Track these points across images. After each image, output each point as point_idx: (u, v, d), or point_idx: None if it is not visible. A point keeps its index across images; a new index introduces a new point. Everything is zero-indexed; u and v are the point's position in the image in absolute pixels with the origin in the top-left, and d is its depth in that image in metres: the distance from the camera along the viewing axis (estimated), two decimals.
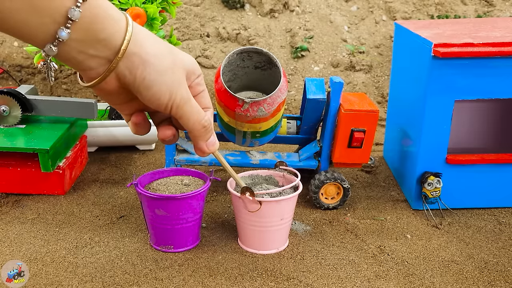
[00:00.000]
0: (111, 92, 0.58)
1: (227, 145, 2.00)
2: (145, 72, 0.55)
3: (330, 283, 1.21)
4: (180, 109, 0.59)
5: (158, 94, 0.56)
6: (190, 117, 0.60)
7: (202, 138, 0.63)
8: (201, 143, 0.64)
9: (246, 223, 1.30)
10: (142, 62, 0.55)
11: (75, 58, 0.53)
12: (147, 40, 0.56)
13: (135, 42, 0.54)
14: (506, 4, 2.70)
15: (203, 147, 0.64)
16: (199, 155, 0.66)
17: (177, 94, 0.58)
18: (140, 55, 0.55)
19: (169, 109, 0.59)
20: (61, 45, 0.51)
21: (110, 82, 0.56)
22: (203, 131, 0.62)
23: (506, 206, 1.57)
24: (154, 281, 1.20)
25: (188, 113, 0.60)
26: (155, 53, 0.56)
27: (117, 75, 0.55)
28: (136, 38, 0.54)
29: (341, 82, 1.47)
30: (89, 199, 1.61)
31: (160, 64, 0.56)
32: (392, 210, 1.56)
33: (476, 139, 1.84)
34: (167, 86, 0.56)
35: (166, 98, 0.57)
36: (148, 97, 0.57)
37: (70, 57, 0.53)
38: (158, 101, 0.57)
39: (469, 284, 1.22)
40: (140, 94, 0.57)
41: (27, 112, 1.70)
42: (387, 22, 2.67)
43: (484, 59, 1.38)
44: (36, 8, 0.48)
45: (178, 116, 0.60)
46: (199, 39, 2.59)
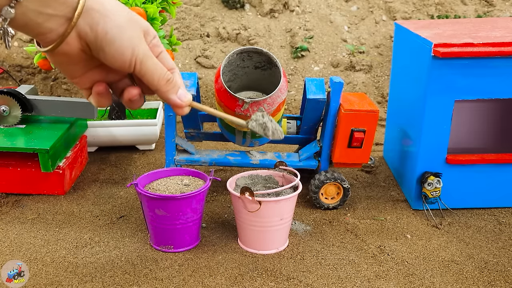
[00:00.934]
0: (71, 58, 0.57)
1: (227, 145, 2.00)
2: (106, 26, 0.55)
3: (330, 283, 1.21)
4: (144, 65, 0.58)
5: (121, 49, 0.56)
6: (155, 73, 0.60)
7: (171, 92, 0.62)
8: (172, 97, 0.63)
9: (246, 223, 1.30)
10: (102, 17, 0.55)
11: (34, 21, 0.53)
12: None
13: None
14: (506, 4, 2.70)
15: (176, 100, 0.63)
16: (179, 113, 0.65)
17: (139, 49, 0.58)
18: (99, 10, 0.55)
19: (133, 65, 0.58)
20: (18, 6, 0.51)
21: (71, 42, 0.55)
22: (169, 85, 0.62)
23: (506, 206, 1.57)
24: (154, 281, 1.20)
25: (152, 69, 0.59)
26: (113, 8, 0.56)
27: (78, 34, 0.55)
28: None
29: (341, 82, 1.47)
30: (89, 199, 1.61)
31: (119, 19, 0.56)
32: (392, 210, 1.56)
33: (476, 139, 1.84)
34: (128, 41, 0.56)
35: (129, 53, 0.57)
36: (112, 53, 0.56)
37: (28, 20, 0.53)
38: (122, 56, 0.57)
39: (469, 284, 1.22)
40: (103, 51, 0.56)
41: (27, 112, 1.70)
42: (387, 22, 2.67)
43: (484, 59, 1.38)
44: None
45: (142, 73, 0.59)
46: (199, 39, 2.59)
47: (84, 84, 0.61)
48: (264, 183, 1.41)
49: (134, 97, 0.62)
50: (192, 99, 0.67)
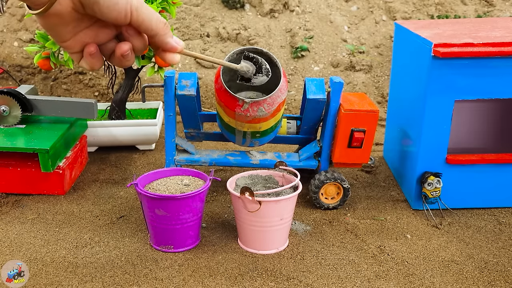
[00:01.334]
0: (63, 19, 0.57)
1: (227, 145, 2.00)
2: None
3: (330, 283, 1.21)
4: (140, 11, 0.59)
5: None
6: (152, 18, 0.60)
7: (168, 35, 0.63)
8: (170, 40, 0.63)
9: (246, 223, 1.30)
10: None
11: None
12: None
13: None
14: (506, 4, 2.70)
15: (173, 44, 0.64)
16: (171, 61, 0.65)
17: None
18: None
19: (129, 14, 0.58)
20: None
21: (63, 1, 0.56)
22: (166, 28, 0.62)
23: (506, 206, 1.57)
24: (154, 281, 1.20)
25: (149, 14, 0.60)
26: None
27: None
28: None
29: (341, 82, 1.47)
30: (89, 199, 1.61)
31: None
32: (392, 210, 1.56)
33: (476, 139, 1.84)
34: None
35: (124, 2, 0.57)
36: (106, 4, 0.56)
37: None
38: (116, 6, 0.57)
39: (469, 284, 1.22)
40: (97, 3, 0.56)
41: (27, 112, 1.70)
42: (387, 22, 2.67)
43: (484, 59, 1.38)
44: None
45: (140, 20, 0.60)
46: (199, 39, 2.59)
47: (74, 47, 0.62)
48: (264, 183, 1.41)
49: (125, 52, 0.61)
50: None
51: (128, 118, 1.99)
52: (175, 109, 1.52)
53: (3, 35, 2.52)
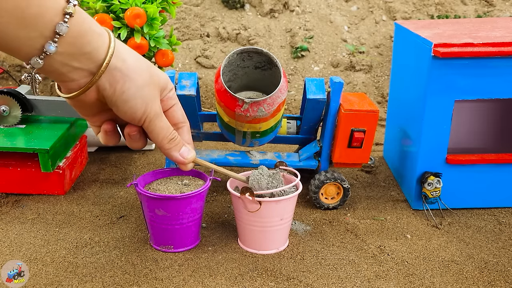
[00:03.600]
0: (87, 104, 0.60)
1: (227, 145, 2.00)
2: (124, 86, 0.57)
3: (330, 283, 1.21)
4: (152, 123, 0.62)
5: (134, 108, 0.59)
6: (160, 132, 0.63)
7: (173, 150, 0.66)
8: (175, 154, 0.66)
9: (246, 223, 1.30)
10: (123, 77, 0.57)
11: (59, 70, 0.55)
12: (129, 56, 0.58)
13: (117, 56, 0.56)
14: (506, 4, 2.70)
15: (178, 158, 0.67)
16: (183, 169, 0.69)
17: (152, 109, 0.60)
18: (121, 70, 0.57)
19: (142, 122, 0.61)
20: (47, 59, 0.53)
21: (89, 94, 0.58)
22: (171, 143, 0.65)
23: (506, 206, 1.57)
24: (154, 281, 1.20)
25: (158, 128, 0.63)
26: (135, 69, 0.58)
27: (98, 88, 0.57)
28: (118, 53, 0.57)
29: (341, 82, 1.47)
30: (89, 199, 1.61)
31: (139, 79, 0.58)
32: (392, 210, 1.56)
33: (476, 139, 1.84)
34: (143, 101, 0.59)
35: (141, 112, 0.60)
36: (125, 110, 0.59)
37: (53, 69, 0.54)
38: (134, 115, 0.60)
39: (469, 284, 1.22)
40: (117, 107, 0.59)
41: (27, 112, 1.70)
42: (387, 22, 2.67)
43: (484, 59, 1.38)
44: (24, 23, 0.49)
45: (149, 130, 0.62)
46: (199, 39, 2.59)
47: (95, 122, 0.65)
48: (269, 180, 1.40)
49: (132, 132, 0.64)
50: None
51: None
52: None
53: None
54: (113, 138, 0.65)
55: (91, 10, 1.60)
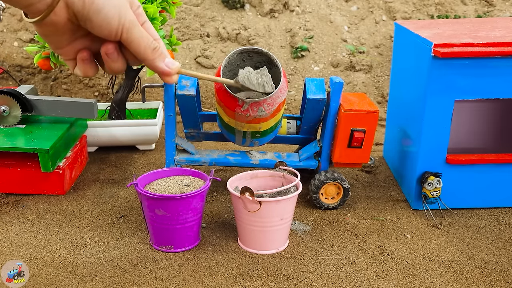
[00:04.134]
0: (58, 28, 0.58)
1: (227, 145, 2.00)
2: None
3: (330, 283, 1.21)
4: (130, 32, 0.60)
5: (108, 18, 0.58)
6: (141, 41, 0.61)
7: (158, 59, 0.63)
8: (160, 65, 0.64)
9: (246, 223, 1.30)
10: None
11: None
12: None
13: None
14: (506, 4, 2.70)
15: (164, 68, 0.64)
16: (168, 82, 0.66)
17: (126, 17, 0.59)
18: None
19: (119, 34, 0.59)
20: None
21: (59, 12, 0.57)
22: (155, 53, 0.63)
23: (506, 206, 1.57)
24: (154, 281, 1.20)
25: (139, 37, 0.61)
26: None
27: (66, 3, 0.56)
28: None
29: (341, 82, 1.47)
30: (89, 199, 1.61)
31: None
32: (392, 210, 1.56)
33: (476, 139, 1.84)
34: (115, 9, 0.58)
35: (116, 21, 0.58)
36: (99, 22, 0.58)
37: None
38: (109, 25, 0.58)
39: (469, 284, 1.22)
40: (90, 20, 0.58)
41: (27, 112, 1.70)
42: (387, 22, 2.67)
43: (484, 59, 1.38)
44: None
45: (129, 41, 0.60)
46: (199, 39, 2.59)
47: (69, 54, 0.63)
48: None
49: (109, 50, 0.62)
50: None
51: (128, 118, 1.99)
52: (175, 109, 1.52)
53: (3, 35, 2.52)
54: (91, 67, 0.63)
55: None
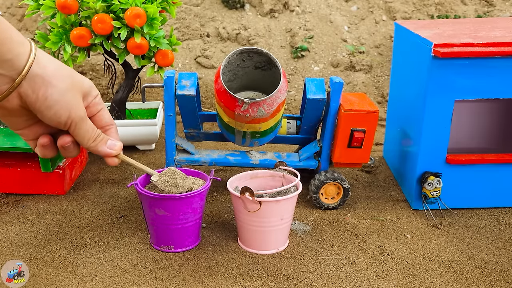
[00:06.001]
0: (12, 113, 0.62)
1: (227, 145, 2.00)
2: (47, 92, 0.60)
3: (330, 283, 1.21)
4: (78, 127, 0.64)
5: (59, 113, 0.62)
6: (85, 135, 0.66)
7: (99, 145, 0.69)
8: (102, 149, 0.69)
9: (246, 223, 1.30)
10: (45, 83, 0.60)
11: None
12: (50, 63, 0.61)
13: (38, 64, 0.59)
14: (506, 4, 2.70)
15: (107, 150, 0.70)
16: (111, 164, 0.72)
17: (76, 114, 0.63)
18: (43, 76, 0.59)
19: (67, 127, 0.64)
20: None
21: (12, 100, 0.59)
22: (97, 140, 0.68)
23: (506, 206, 1.57)
24: (154, 281, 1.20)
25: (84, 131, 0.65)
26: (56, 75, 0.61)
27: (20, 94, 0.59)
28: (39, 60, 0.59)
29: (341, 82, 1.47)
30: (89, 199, 1.61)
31: (61, 85, 0.61)
32: (392, 210, 1.56)
33: (476, 139, 1.84)
34: (67, 106, 0.62)
35: (66, 117, 0.62)
36: (49, 116, 0.62)
37: None
38: (59, 119, 0.62)
39: (469, 284, 1.22)
40: (41, 113, 0.61)
41: None
42: (387, 22, 2.67)
43: (484, 59, 1.38)
44: None
45: (75, 133, 0.65)
46: (199, 39, 2.59)
47: (28, 135, 0.67)
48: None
49: (66, 144, 0.66)
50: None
51: (128, 118, 1.99)
52: (175, 109, 1.52)
53: None
54: (50, 151, 0.68)
55: (91, 10, 1.60)
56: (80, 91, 0.64)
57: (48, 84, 0.60)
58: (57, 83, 0.60)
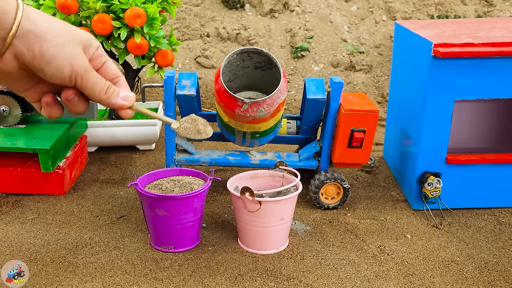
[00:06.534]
0: (11, 76, 0.59)
1: (227, 145, 2.00)
2: (43, 48, 0.56)
3: (330, 283, 1.21)
4: (85, 79, 0.60)
5: (60, 68, 0.58)
6: (95, 87, 0.62)
7: (112, 97, 0.64)
8: (116, 101, 0.65)
9: (246, 223, 1.30)
10: (38, 39, 0.56)
11: None
12: (41, 18, 0.57)
13: (28, 19, 0.56)
14: (506, 4, 2.70)
15: (120, 102, 0.65)
16: (125, 116, 0.67)
17: (79, 65, 0.59)
18: (35, 32, 0.56)
19: (73, 81, 0.60)
20: None
21: (8, 62, 0.57)
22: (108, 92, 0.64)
23: (506, 206, 1.57)
24: (154, 281, 1.20)
25: (92, 83, 0.61)
26: (49, 30, 0.57)
27: (15, 55, 0.56)
28: (28, 16, 0.56)
29: (341, 82, 1.47)
30: (89, 199, 1.61)
31: (56, 39, 0.57)
32: (392, 210, 1.56)
33: (476, 139, 1.84)
34: (67, 59, 0.58)
35: (69, 70, 0.59)
36: (51, 72, 0.58)
37: None
38: (62, 75, 0.59)
39: (469, 284, 1.22)
40: (42, 71, 0.58)
41: (27, 112, 1.70)
42: (387, 22, 2.67)
43: (484, 59, 1.38)
44: None
45: (83, 87, 0.61)
46: (199, 39, 2.59)
47: (33, 97, 0.63)
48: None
49: (69, 96, 0.63)
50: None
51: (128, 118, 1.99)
52: (175, 109, 1.52)
53: None
54: (55, 110, 0.64)
55: (91, 10, 1.60)
56: (79, 43, 0.60)
57: (42, 39, 0.56)
58: (52, 38, 0.57)
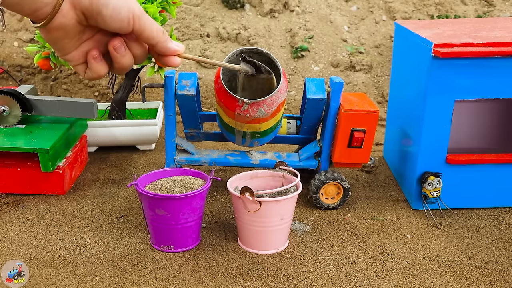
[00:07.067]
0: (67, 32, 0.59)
1: (227, 145, 2.00)
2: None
3: (330, 283, 1.21)
4: (142, 20, 0.60)
5: (117, 8, 0.58)
6: (153, 26, 0.62)
7: (168, 40, 0.64)
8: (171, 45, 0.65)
9: (246, 223, 1.30)
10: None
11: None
12: None
13: None
14: (506, 4, 2.70)
15: (175, 47, 0.65)
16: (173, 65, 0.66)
17: (134, 6, 0.59)
18: None
19: (131, 22, 0.60)
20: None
21: (66, 14, 0.57)
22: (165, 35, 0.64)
23: (506, 206, 1.57)
24: (154, 281, 1.20)
25: (150, 22, 0.61)
26: None
27: (72, 2, 0.56)
28: None
29: (341, 82, 1.47)
30: (89, 199, 1.61)
31: None
32: (392, 210, 1.56)
33: (476, 139, 1.84)
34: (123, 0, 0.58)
35: (126, 11, 0.59)
36: (109, 14, 0.58)
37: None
38: (119, 16, 0.58)
39: (469, 284, 1.22)
40: (100, 13, 0.58)
41: (27, 112, 1.70)
42: (387, 22, 2.67)
43: (484, 59, 1.38)
44: None
45: (142, 28, 0.61)
46: (199, 39, 2.59)
47: (77, 59, 0.63)
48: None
49: (116, 45, 0.62)
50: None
51: (128, 118, 1.99)
52: (175, 109, 1.52)
53: (3, 35, 2.53)
54: (102, 66, 0.64)
55: None
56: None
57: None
58: None
